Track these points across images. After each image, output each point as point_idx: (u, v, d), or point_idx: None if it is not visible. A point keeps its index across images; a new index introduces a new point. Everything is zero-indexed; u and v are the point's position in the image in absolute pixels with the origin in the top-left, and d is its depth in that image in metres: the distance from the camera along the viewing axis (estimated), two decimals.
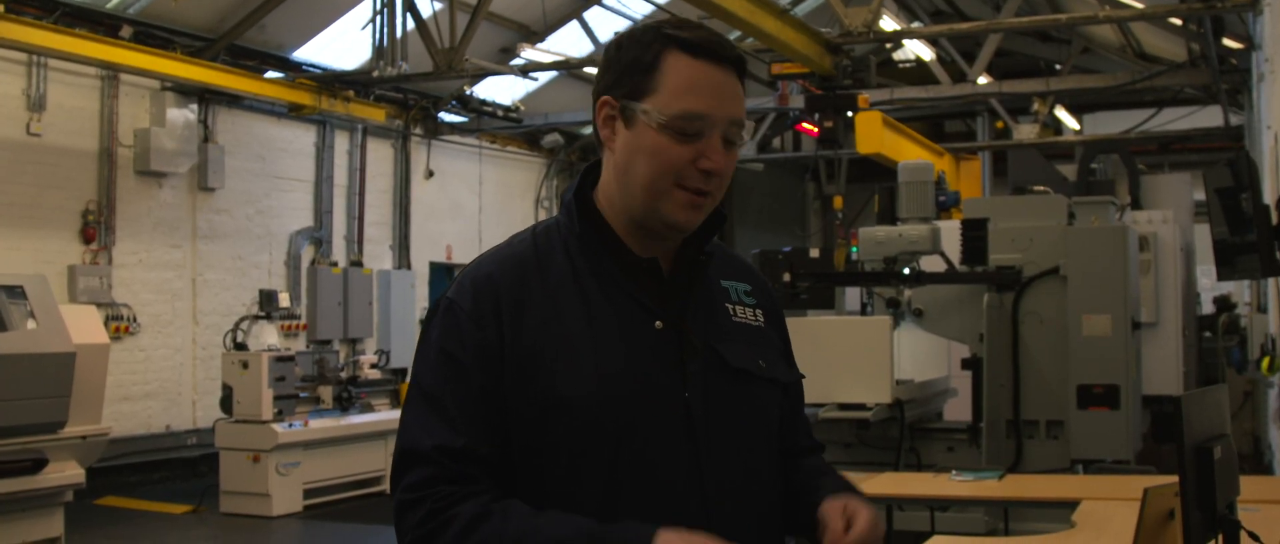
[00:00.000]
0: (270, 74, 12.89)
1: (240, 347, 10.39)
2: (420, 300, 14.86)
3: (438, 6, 12.75)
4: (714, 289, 1.94)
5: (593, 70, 14.82)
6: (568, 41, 15.39)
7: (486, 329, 1.80)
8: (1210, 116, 15.68)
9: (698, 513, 1.79)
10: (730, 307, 1.94)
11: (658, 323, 1.83)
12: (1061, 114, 17.69)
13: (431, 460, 1.76)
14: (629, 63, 1.82)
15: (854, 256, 9.37)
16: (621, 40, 1.86)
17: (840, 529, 1.80)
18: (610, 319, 1.82)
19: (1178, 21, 12.52)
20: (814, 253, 10.68)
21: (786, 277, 7.71)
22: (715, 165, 1.78)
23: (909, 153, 12.34)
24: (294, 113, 13.20)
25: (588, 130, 17.44)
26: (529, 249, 1.88)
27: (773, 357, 1.97)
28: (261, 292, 11.47)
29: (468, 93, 15.00)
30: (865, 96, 11.61)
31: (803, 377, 2.08)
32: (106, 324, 10.80)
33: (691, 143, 1.78)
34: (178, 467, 11.85)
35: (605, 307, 1.83)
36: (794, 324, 2.12)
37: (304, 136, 13.77)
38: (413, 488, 1.76)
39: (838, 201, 14.70)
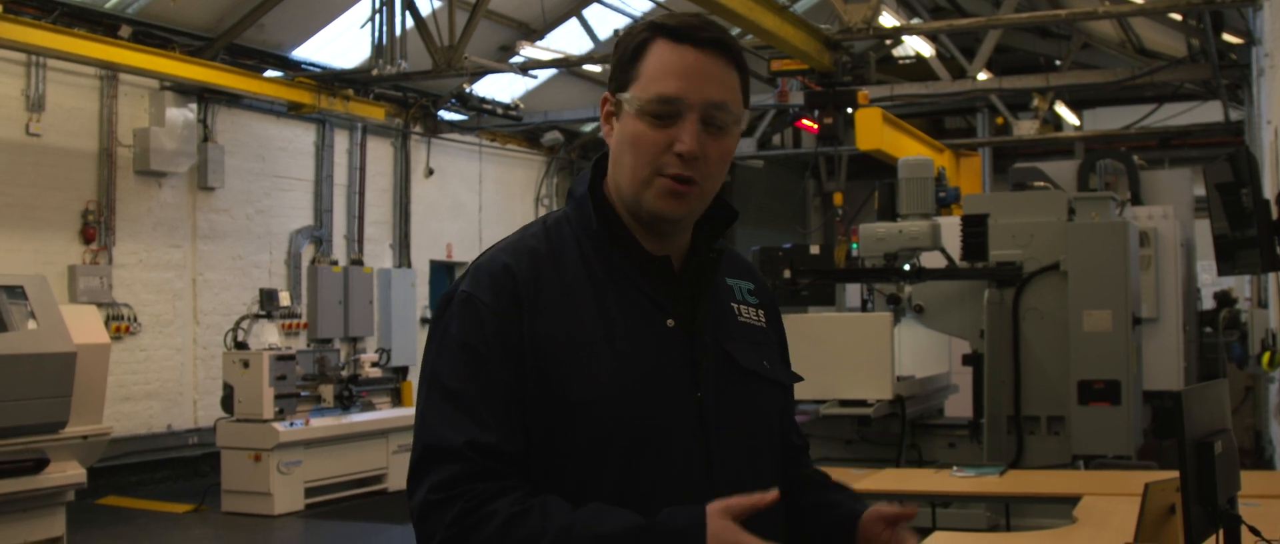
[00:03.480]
0: (269, 73, 12.89)
1: (241, 346, 10.39)
2: (421, 299, 14.87)
3: (437, 4, 12.75)
4: (721, 288, 1.93)
5: (593, 68, 14.86)
6: (567, 39, 15.38)
7: (508, 321, 1.75)
8: (1210, 112, 15.68)
9: None
10: (735, 306, 1.93)
11: (670, 321, 1.82)
12: (1061, 110, 17.68)
13: (462, 457, 1.69)
14: (620, 57, 1.83)
15: (854, 253, 9.38)
16: (619, 36, 1.87)
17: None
18: (625, 316, 1.80)
19: (1177, 17, 12.51)
20: (814, 249, 10.68)
21: (787, 273, 7.72)
22: (687, 147, 1.74)
23: (909, 149, 12.34)
24: (293, 112, 13.20)
25: (588, 128, 17.44)
26: (542, 242, 1.84)
27: (774, 357, 1.96)
28: (262, 291, 11.46)
29: (467, 91, 14.99)
30: (865, 93, 11.60)
31: (800, 378, 2.07)
32: (107, 324, 10.80)
33: (668, 128, 1.76)
34: (179, 466, 11.85)
35: (620, 303, 1.80)
36: (795, 321, 2.12)
37: (304, 135, 13.77)
38: (441, 487, 1.69)
39: (838, 198, 14.70)
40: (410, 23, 12.41)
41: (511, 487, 1.70)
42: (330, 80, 13.16)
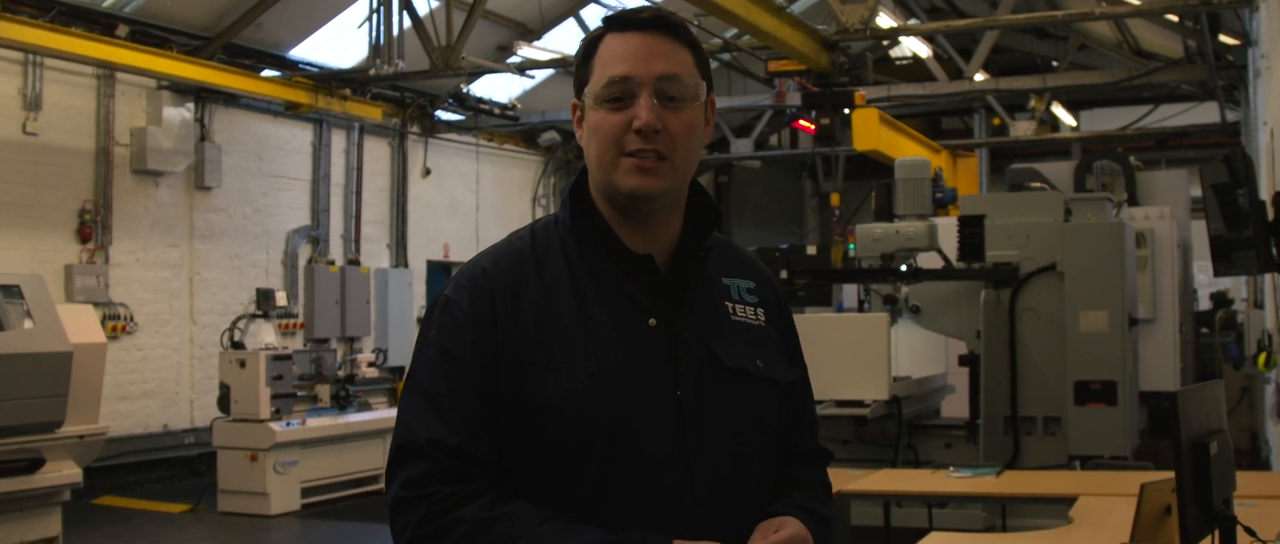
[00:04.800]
0: (267, 73, 12.87)
1: (237, 346, 10.38)
2: (418, 299, 14.86)
3: (434, 4, 12.73)
4: (713, 286, 1.92)
5: None
6: (564, 39, 15.38)
7: (484, 327, 1.79)
8: (1207, 113, 15.69)
9: (686, 511, 1.78)
10: (730, 304, 1.93)
11: (651, 320, 1.82)
12: (1058, 111, 17.68)
13: (427, 455, 1.75)
14: (578, 60, 1.90)
15: (851, 253, 9.38)
16: (580, 44, 1.92)
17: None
18: (604, 315, 1.81)
19: (1174, 18, 12.52)
20: (811, 250, 10.70)
21: (784, 273, 7.72)
22: (644, 120, 1.79)
23: (906, 150, 12.34)
24: (291, 111, 13.19)
25: None
26: (527, 246, 1.88)
27: (772, 355, 1.94)
28: (258, 290, 11.45)
29: (464, 91, 14.99)
30: (862, 94, 11.61)
31: (801, 375, 2.04)
32: (103, 323, 10.79)
33: (625, 109, 1.81)
34: (175, 466, 11.84)
35: (599, 302, 1.82)
36: None
37: (301, 135, 13.76)
38: (410, 485, 1.74)
39: (835, 198, 14.71)
40: (408, 22, 12.40)
41: (477, 491, 1.74)
42: (328, 80, 13.15)
